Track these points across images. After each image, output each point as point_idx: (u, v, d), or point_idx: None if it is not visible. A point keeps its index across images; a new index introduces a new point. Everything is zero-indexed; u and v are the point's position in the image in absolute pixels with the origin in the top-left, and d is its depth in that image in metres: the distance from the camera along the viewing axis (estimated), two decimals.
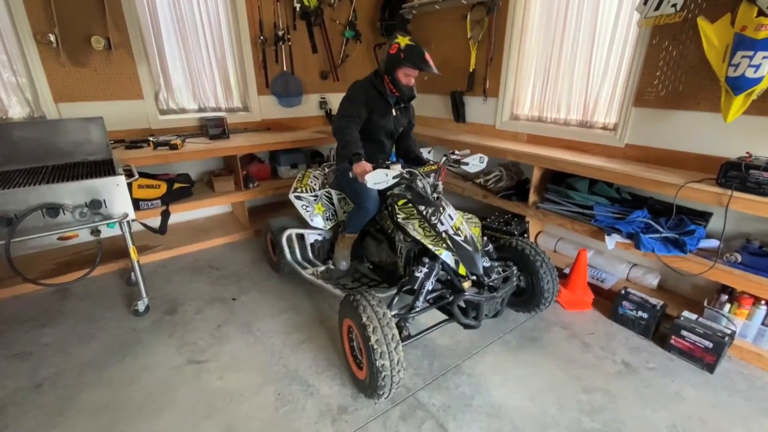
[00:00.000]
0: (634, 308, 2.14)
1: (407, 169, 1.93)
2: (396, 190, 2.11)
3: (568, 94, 2.68)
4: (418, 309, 1.78)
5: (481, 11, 2.97)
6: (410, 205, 1.99)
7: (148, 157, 2.63)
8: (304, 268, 2.39)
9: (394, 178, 1.84)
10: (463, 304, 1.81)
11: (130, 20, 2.78)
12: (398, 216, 1.99)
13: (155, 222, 2.47)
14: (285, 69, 3.50)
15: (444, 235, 1.83)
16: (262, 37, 3.24)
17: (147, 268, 2.80)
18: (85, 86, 2.75)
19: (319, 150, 3.82)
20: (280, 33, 3.29)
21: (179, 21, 3.02)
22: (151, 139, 2.76)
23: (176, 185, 2.83)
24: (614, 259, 2.51)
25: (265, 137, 3.29)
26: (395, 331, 1.55)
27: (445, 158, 2.13)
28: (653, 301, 2.11)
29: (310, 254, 2.53)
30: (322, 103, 3.87)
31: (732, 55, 1.77)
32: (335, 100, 3.89)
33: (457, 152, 2.18)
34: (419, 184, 1.95)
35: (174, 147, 2.70)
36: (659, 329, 2.11)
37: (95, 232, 1.98)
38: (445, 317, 1.90)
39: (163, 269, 2.81)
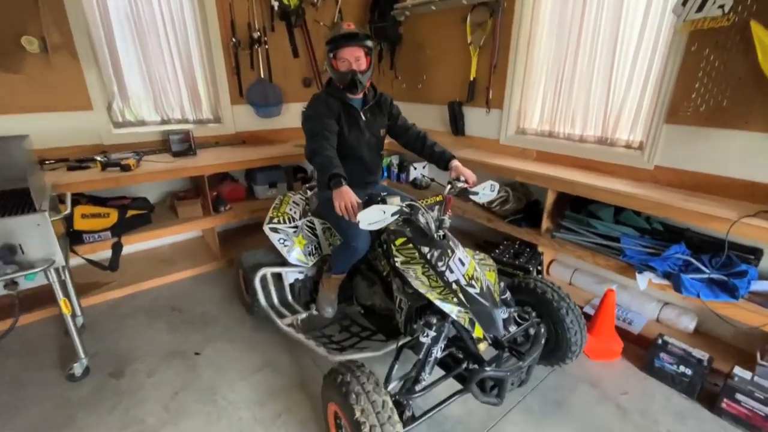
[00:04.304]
0: (674, 362, 1.81)
1: (407, 202, 1.57)
2: (392, 225, 1.74)
3: (584, 106, 2.36)
4: (425, 384, 1.41)
5: (484, 13, 2.64)
6: (411, 245, 1.61)
7: (94, 180, 2.20)
8: (282, 316, 1.99)
9: (393, 215, 1.48)
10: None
11: (73, 17, 2.34)
12: (396, 259, 1.62)
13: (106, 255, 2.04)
14: (262, 75, 3.10)
15: (455, 286, 1.47)
16: (234, 40, 2.84)
17: (94, 310, 2.36)
18: (17, 96, 2.29)
19: (302, 165, 3.42)
20: (256, 35, 2.90)
21: (136, 19, 2.60)
22: (98, 158, 2.32)
23: (130, 212, 2.39)
24: (642, 297, 2.19)
25: (239, 152, 2.88)
26: (399, 428, 1.17)
27: (450, 186, 1.77)
28: (697, 353, 1.79)
29: (290, 297, 2.13)
30: None
31: None
32: None
33: (462, 178, 1.82)
34: (421, 219, 1.59)
35: (126, 168, 2.27)
36: (704, 386, 1.79)
37: (10, 285, 1.55)
38: (456, 386, 1.53)
39: (114, 312, 2.37)
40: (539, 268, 2.39)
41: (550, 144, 2.55)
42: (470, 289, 1.46)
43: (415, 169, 3.39)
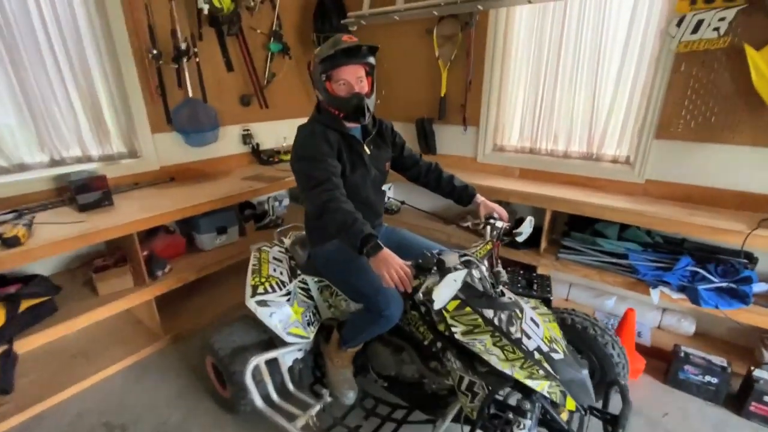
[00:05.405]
0: (699, 373, 1.85)
1: (464, 258, 1.28)
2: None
3: (567, 122, 2.33)
4: None
5: (453, 25, 2.47)
6: (467, 308, 1.32)
7: None
8: (292, 418, 1.52)
9: (462, 281, 1.18)
10: None
11: None
12: (454, 329, 1.31)
13: None
14: (191, 94, 2.47)
15: (537, 355, 1.23)
16: (154, 51, 2.18)
17: None
18: None
19: (249, 201, 2.86)
20: (183, 46, 2.28)
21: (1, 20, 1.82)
22: None
23: (25, 304, 1.63)
24: (642, 306, 2.24)
25: (174, 195, 2.24)
26: None
27: (490, 228, 1.54)
28: (717, 361, 1.85)
29: (290, 385, 1.66)
30: (246, 137, 2.91)
31: None
32: (263, 131, 2.99)
33: (496, 215, 1.61)
34: (476, 275, 1.32)
35: (13, 242, 1.53)
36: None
37: None
38: None
39: None
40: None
41: (532, 160, 2.49)
42: (555, 355, 1.24)
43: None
